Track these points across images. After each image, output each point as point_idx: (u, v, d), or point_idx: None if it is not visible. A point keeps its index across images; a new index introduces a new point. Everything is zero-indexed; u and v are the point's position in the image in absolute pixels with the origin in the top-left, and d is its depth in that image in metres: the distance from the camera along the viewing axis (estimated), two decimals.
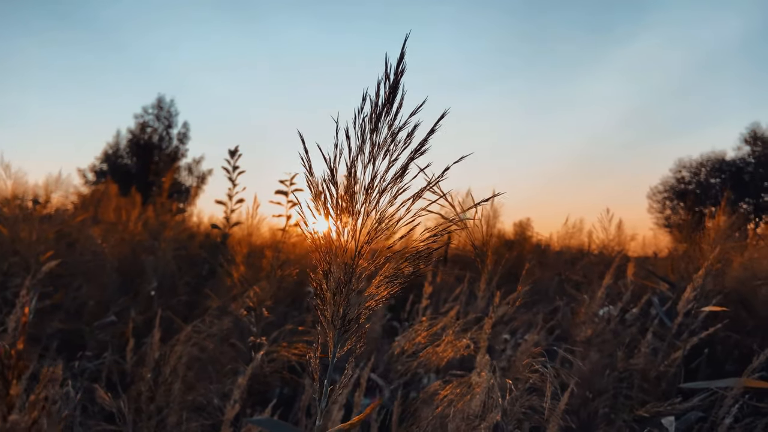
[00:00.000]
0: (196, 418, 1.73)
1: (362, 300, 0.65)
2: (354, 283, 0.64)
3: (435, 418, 1.09)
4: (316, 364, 0.66)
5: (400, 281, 0.67)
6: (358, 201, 0.65)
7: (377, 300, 0.66)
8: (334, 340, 0.65)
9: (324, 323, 0.65)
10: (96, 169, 22.27)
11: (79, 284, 3.04)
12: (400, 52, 0.67)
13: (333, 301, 0.64)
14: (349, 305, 0.64)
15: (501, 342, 2.79)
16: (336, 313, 0.64)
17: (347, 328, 0.65)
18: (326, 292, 0.64)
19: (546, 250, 5.57)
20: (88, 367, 2.29)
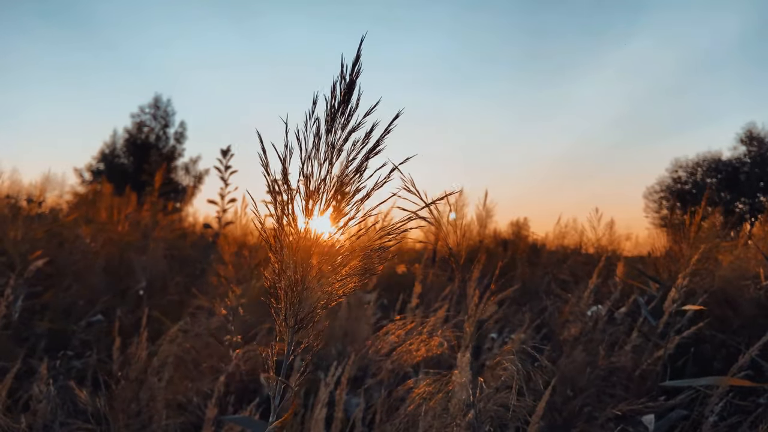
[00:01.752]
0: (179, 417, 1.74)
1: (316, 298, 0.66)
2: (306, 282, 0.65)
3: (407, 415, 1.09)
4: (272, 363, 0.67)
5: (356, 279, 0.67)
6: (312, 200, 0.65)
7: (331, 299, 0.66)
8: (288, 339, 0.66)
9: (277, 321, 0.66)
10: (93, 168, 22.25)
11: (69, 283, 3.04)
12: (356, 53, 0.68)
13: (286, 299, 0.65)
14: (301, 304, 0.65)
15: (489, 341, 2.80)
16: (289, 312, 0.65)
17: (300, 326, 0.65)
18: (279, 290, 0.65)
19: (541, 250, 5.58)
20: (75, 366, 2.29)
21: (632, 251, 5.25)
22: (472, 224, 4.97)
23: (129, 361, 2.02)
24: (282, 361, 0.67)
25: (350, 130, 0.67)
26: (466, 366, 1.31)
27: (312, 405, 1.86)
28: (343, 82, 0.67)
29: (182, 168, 22.97)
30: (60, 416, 1.67)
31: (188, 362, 1.96)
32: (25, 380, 2.15)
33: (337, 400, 1.72)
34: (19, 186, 7.02)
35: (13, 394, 1.98)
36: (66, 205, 6.84)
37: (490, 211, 4.90)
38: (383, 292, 3.83)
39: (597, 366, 2.02)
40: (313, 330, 0.66)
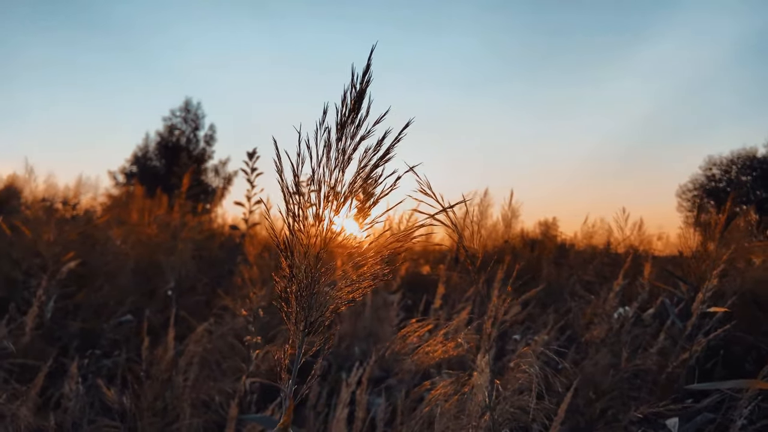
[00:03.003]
0: (203, 416, 1.77)
1: (326, 302, 0.67)
2: (316, 286, 0.66)
3: (422, 417, 1.10)
4: (285, 365, 0.68)
5: (366, 284, 0.69)
6: (323, 206, 0.67)
7: (341, 303, 0.68)
8: (299, 342, 0.67)
9: (288, 325, 0.67)
10: (126, 171, 22.74)
11: (100, 284, 3.12)
12: (366, 62, 0.69)
13: (297, 303, 0.66)
14: (312, 308, 0.67)
15: (512, 342, 2.79)
16: (299, 315, 0.66)
17: (311, 329, 0.67)
18: (290, 295, 0.66)
19: (569, 250, 5.52)
20: (105, 365, 2.36)
21: (664, 251, 5.16)
22: (498, 225, 4.95)
23: (156, 360, 2.08)
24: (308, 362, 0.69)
25: (360, 138, 0.68)
26: (485, 367, 1.31)
27: (335, 405, 1.88)
28: (353, 91, 0.68)
29: (212, 170, 23.33)
30: (89, 414, 1.72)
31: (212, 362, 2.00)
32: (58, 378, 2.22)
33: (358, 400, 1.74)
34: (55, 189, 7.24)
35: (46, 392, 2.04)
36: (100, 207, 7.02)
37: (516, 212, 4.87)
38: (408, 293, 3.84)
39: (621, 368, 1.99)
40: (324, 333, 0.68)
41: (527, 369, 1.13)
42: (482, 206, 4.69)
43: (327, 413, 2.18)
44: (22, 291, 2.70)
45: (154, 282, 3.35)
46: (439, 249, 5.41)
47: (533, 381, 1.08)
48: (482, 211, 4.66)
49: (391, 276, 0.67)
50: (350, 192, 0.67)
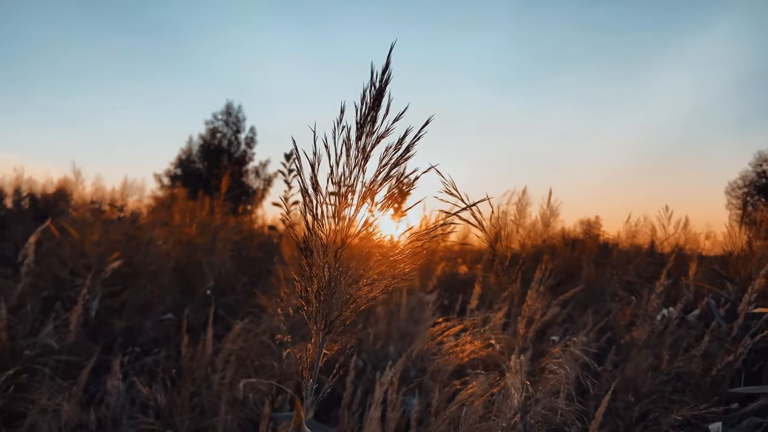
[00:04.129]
0: (238, 413, 1.80)
1: (346, 301, 0.67)
2: (336, 286, 0.66)
3: (449, 417, 1.09)
4: (308, 363, 0.69)
5: (385, 283, 0.69)
6: (341, 205, 0.67)
7: (362, 302, 0.68)
8: (319, 341, 0.68)
9: (309, 324, 0.68)
10: (170, 173, 23.34)
11: (143, 283, 3.21)
12: (385, 60, 0.69)
13: (317, 302, 0.67)
14: (331, 307, 0.67)
15: (550, 343, 2.74)
16: (319, 314, 0.67)
17: (330, 329, 0.67)
18: (311, 294, 0.67)
19: (612, 250, 5.40)
20: (146, 362, 2.42)
21: (711, 250, 4.99)
22: (536, 224, 4.87)
23: (194, 358, 2.12)
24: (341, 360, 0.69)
25: (380, 136, 0.68)
26: (518, 369, 1.29)
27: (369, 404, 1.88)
28: (372, 89, 0.68)
29: (252, 171, 23.73)
30: (129, 411, 1.77)
31: (247, 361, 2.03)
32: (102, 375, 2.29)
33: (390, 400, 1.73)
34: (103, 192, 7.49)
35: (89, 389, 2.12)
36: (145, 209, 7.23)
37: (555, 211, 4.78)
38: (444, 293, 3.82)
39: (662, 371, 1.93)
40: (345, 332, 0.68)
41: (557, 370, 1.10)
42: (520, 205, 4.62)
43: (362, 412, 2.19)
44: (69, 290, 2.79)
45: (194, 281, 3.42)
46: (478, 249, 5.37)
47: (563, 383, 1.06)
48: (520, 210, 4.59)
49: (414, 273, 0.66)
50: (369, 191, 0.67)
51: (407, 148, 0.69)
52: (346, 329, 0.68)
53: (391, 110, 0.68)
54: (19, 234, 4.28)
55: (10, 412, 1.73)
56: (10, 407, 1.71)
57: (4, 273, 3.14)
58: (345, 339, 0.69)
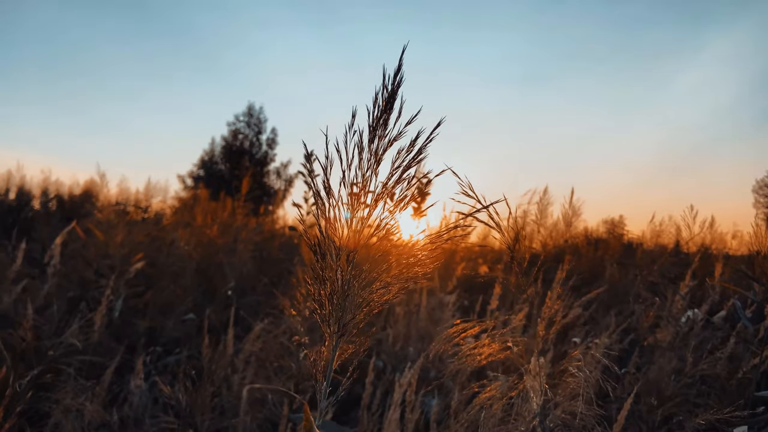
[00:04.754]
0: (258, 413, 1.82)
1: (359, 305, 0.67)
2: (349, 289, 0.66)
3: (466, 420, 1.08)
4: (322, 366, 0.69)
5: (399, 286, 0.68)
6: (353, 209, 0.67)
7: (375, 305, 0.67)
8: (332, 343, 0.68)
9: (323, 327, 0.68)
10: (194, 174, 23.62)
11: (166, 284, 3.25)
12: (397, 63, 0.69)
13: (330, 305, 0.67)
14: (344, 310, 0.67)
15: (572, 345, 2.71)
16: (332, 317, 0.67)
17: (344, 332, 0.67)
18: (324, 297, 0.67)
19: (636, 250, 5.32)
20: (168, 362, 2.45)
21: (738, 250, 4.89)
22: (558, 224, 4.82)
23: (215, 358, 2.14)
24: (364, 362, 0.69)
25: (392, 139, 0.68)
26: (537, 371, 1.28)
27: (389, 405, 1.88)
28: (384, 92, 0.68)
29: (274, 172, 23.91)
30: (151, 410, 1.80)
31: (266, 362, 2.04)
32: (126, 375, 2.33)
33: (408, 401, 1.73)
34: (127, 193, 7.61)
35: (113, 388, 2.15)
36: (169, 210, 7.32)
37: (577, 210, 4.73)
38: (464, 294, 3.80)
39: (686, 373, 1.90)
40: (359, 335, 0.68)
41: (576, 373, 1.09)
42: (541, 205, 4.58)
43: (382, 413, 2.19)
44: (93, 290, 2.84)
45: (216, 282, 3.46)
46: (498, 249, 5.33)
47: (581, 386, 1.04)
48: (541, 210, 4.55)
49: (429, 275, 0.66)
50: (382, 194, 0.67)
51: (419, 151, 0.69)
52: (360, 332, 0.68)
53: (403, 113, 0.68)
54: (46, 235, 4.36)
55: (34, 411, 1.76)
56: (34, 407, 1.74)
57: (32, 273, 3.21)
58: (360, 341, 0.69)
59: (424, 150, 0.69)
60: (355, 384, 2.70)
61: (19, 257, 2.97)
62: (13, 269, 2.91)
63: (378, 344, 2.92)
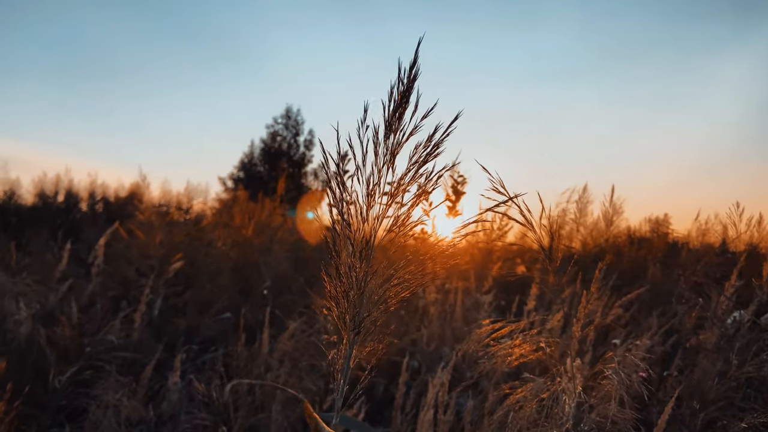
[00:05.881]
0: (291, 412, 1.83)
1: (375, 302, 0.66)
2: (364, 285, 0.65)
3: (496, 421, 1.06)
4: (340, 366, 0.68)
5: (416, 283, 0.67)
6: (368, 205, 0.66)
7: (391, 302, 0.66)
8: (349, 342, 0.67)
9: (339, 325, 0.67)
10: (234, 176, 24.05)
11: (204, 283, 3.31)
12: (413, 56, 0.67)
13: (345, 302, 0.66)
14: (360, 307, 0.66)
15: (611, 347, 2.64)
16: (347, 315, 0.66)
17: (359, 329, 0.66)
18: (339, 295, 0.66)
19: (681, 249, 5.15)
20: (205, 360, 2.50)
21: None
22: (598, 222, 4.71)
23: (252, 356, 2.17)
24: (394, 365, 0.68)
25: (408, 134, 0.67)
26: (573, 373, 1.24)
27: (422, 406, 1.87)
28: (400, 86, 0.67)
29: (311, 173, 24.12)
30: (187, 407, 1.83)
31: (300, 361, 2.05)
32: (164, 372, 2.38)
33: (440, 401, 1.71)
34: (170, 195, 7.81)
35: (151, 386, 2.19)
36: (210, 212, 7.48)
37: (618, 209, 4.61)
38: (501, 294, 3.75)
39: (730, 376, 1.82)
40: (375, 333, 0.67)
41: (611, 375, 1.05)
42: (580, 203, 4.49)
43: (416, 413, 2.17)
44: (134, 290, 2.92)
45: (252, 281, 3.50)
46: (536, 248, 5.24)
47: (615, 389, 1.01)
48: (581, 208, 4.46)
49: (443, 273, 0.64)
50: (398, 189, 0.66)
51: (437, 145, 0.67)
52: (377, 330, 0.67)
53: (420, 108, 0.67)
54: (91, 236, 4.50)
55: (73, 408, 1.81)
56: (73, 403, 1.79)
57: (78, 273, 3.32)
58: (379, 339, 0.68)
59: (441, 144, 0.67)
60: (390, 384, 2.69)
61: (65, 257, 3.07)
62: (59, 269, 3.02)
63: (412, 344, 2.91)
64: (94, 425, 1.62)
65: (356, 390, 0.68)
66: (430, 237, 0.67)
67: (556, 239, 1.13)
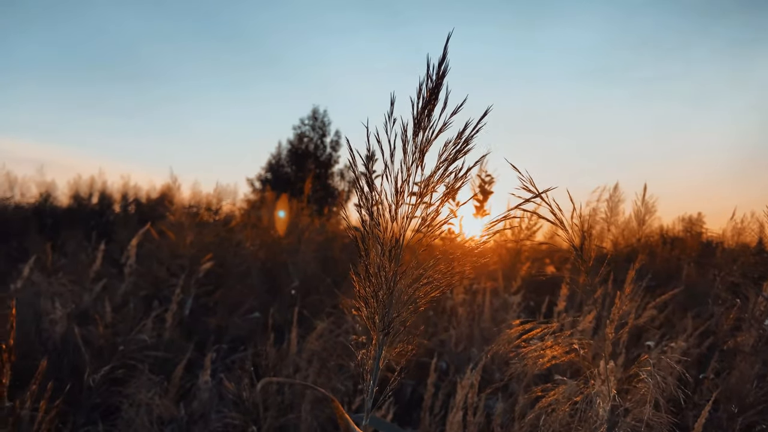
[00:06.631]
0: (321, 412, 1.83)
1: (405, 302, 0.65)
2: (394, 285, 0.64)
3: (527, 424, 1.04)
4: (369, 367, 0.67)
5: (445, 283, 0.66)
6: (398, 204, 0.65)
7: (421, 303, 0.65)
8: (378, 343, 0.66)
9: (368, 325, 0.66)
10: (261, 177, 24.29)
11: (233, 283, 3.35)
12: (442, 52, 0.66)
13: (374, 302, 0.65)
14: (390, 307, 0.65)
15: (645, 349, 2.58)
16: (377, 315, 0.65)
17: (389, 330, 0.65)
18: (369, 296, 0.65)
19: (716, 248, 5.02)
20: (235, 359, 2.52)
21: None
22: (630, 222, 4.61)
23: (280, 356, 2.18)
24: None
25: (437, 131, 0.65)
26: (606, 376, 1.21)
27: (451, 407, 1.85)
28: (429, 82, 0.66)
29: (337, 174, 24.21)
30: (217, 406, 1.84)
31: (327, 360, 2.05)
32: (194, 371, 2.41)
33: (469, 403, 1.69)
34: (200, 196, 7.92)
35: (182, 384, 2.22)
36: (238, 212, 7.57)
37: (651, 207, 4.51)
38: (530, 294, 3.70)
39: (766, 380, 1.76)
40: (404, 334, 0.66)
41: (647, 378, 1.02)
42: (611, 202, 4.41)
43: (444, 415, 2.16)
44: (165, 289, 2.96)
45: (280, 281, 3.52)
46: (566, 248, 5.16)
47: (650, 392, 0.98)
48: (611, 207, 4.38)
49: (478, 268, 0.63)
50: (427, 188, 0.65)
51: (466, 141, 0.66)
52: (406, 331, 0.66)
53: (450, 105, 0.65)
54: (124, 237, 4.59)
55: (107, 406, 1.85)
56: (107, 401, 1.82)
57: (111, 273, 3.38)
58: (408, 340, 0.67)
59: (470, 141, 0.66)
60: (418, 385, 2.68)
61: (98, 258, 3.13)
62: (94, 269, 3.08)
63: (441, 345, 2.89)
64: (127, 423, 1.64)
65: (386, 391, 0.67)
66: (457, 236, 0.65)
67: (588, 239, 1.11)
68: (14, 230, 5.65)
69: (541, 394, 1.19)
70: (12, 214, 6.86)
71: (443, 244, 0.67)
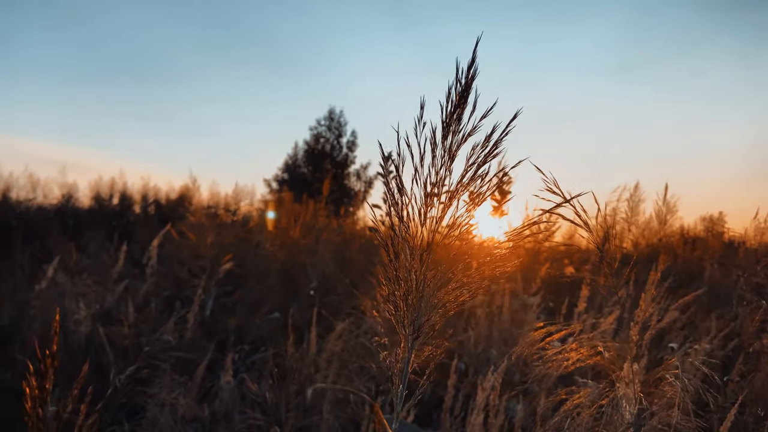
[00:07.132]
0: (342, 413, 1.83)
1: (434, 306, 0.65)
2: (423, 289, 0.64)
3: (551, 427, 1.03)
4: (398, 369, 0.67)
5: (476, 286, 0.66)
6: (427, 207, 0.65)
7: (451, 306, 0.65)
8: (408, 346, 0.66)
9: (398, 329, 0.66)
10: (278, 178, 24.40)
11: (253, 284, 3.37)
12: (471, 55, 0.66)
13: (404, 306, 0.65)
14: (420, 311, 0.65)
15: (668, 351, 2.56)
16: (407, 319, 0.65)
17: (418, 334, 0.65)
18: (399, 298, 0.65)
19: (738, 248, 4.95)
20: (255, 360, 2.54)
21: None
22: (651, 221, 4.57)
23: (301, 356, 2.19)
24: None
25: (466, 134, 0.65)
26: (630, 379, 1.20)
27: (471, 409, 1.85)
28: (458, 86, 0.66)
29: (354, 174, 24.23)
30: (240, 406, 1.86)
31: (348, 361, 2.06)
32: (215, 371, 2.43)
33: (491, 405, 1.69)
34: (218, 197, 7.98)
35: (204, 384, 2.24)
36: (256, 213, 7.61)
37: (672, 207, 4.46)
38: (549, 295, 3.68)
39: None
40: (435, 337, 0.66)
41: (673, 381, 1.01)
42: (632, 202, 4.36)
43: (464, 416, 2.15)
44: (187, 290, 2.99)
45: (299, 282, 3.54)
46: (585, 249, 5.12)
47: (677, 395, 0.97)
48: (632, 207, 4.33)
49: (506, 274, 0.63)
50: (457, 191, 0.65)
51: (495, 144, 0.66)
52: (436, 334, 0.66)
53: (478, 107, 0.65)
54: (144, 237, 4.64)
55: (131, 406, 1.87)
56: (132, 401, 1.85)
57: (133, 273, 3.43)
58: (437, 344, 0.67)
59: (499, 144, 0.66)
60: (437, 386, 2.67)
61: (120, 259, 3.18)
62: (116, 270, 3.12)
63: (459, 346, 2.88)
64: (152, 423, 1.66)
65: (416, 395, 0.67)
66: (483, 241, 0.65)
67: (611, 240, 1.10)
68: (37, 231, 5.74)
69: (566, 397, 1.19)
70: (35, 215, 6.97)
71: (470, 248, 0.67)
